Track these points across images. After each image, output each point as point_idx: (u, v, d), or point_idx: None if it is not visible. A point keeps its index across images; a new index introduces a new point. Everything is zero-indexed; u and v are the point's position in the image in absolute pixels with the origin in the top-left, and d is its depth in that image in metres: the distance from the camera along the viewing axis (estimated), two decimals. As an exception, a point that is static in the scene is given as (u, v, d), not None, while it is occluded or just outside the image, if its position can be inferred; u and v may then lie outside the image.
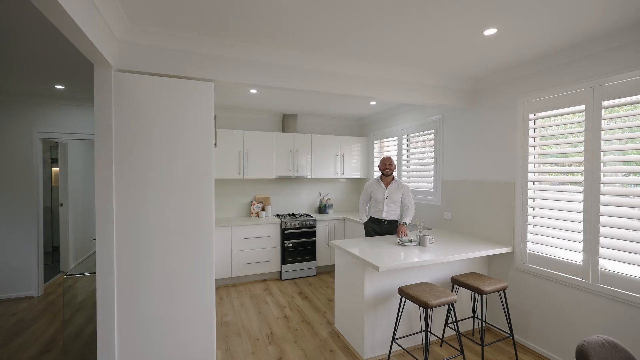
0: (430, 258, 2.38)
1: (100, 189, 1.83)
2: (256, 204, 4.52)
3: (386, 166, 3.29)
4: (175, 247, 2.05)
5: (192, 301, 2.10)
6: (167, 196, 2.02)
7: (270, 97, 3.77)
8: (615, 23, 1.89)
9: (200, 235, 2.11)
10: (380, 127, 4.74)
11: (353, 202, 5.32)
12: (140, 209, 1.96)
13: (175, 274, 2.05)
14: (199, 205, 2.10)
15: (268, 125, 4.76)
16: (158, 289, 2.01)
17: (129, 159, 1.92)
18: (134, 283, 1.95)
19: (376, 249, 2.61)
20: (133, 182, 1.93)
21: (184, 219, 2.07)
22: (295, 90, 2.51)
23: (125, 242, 1.92)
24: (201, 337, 2.13)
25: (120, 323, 1.93)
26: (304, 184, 4.98)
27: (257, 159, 4.33)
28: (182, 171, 2.06)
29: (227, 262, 3.96)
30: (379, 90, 2.71)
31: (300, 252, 4.32)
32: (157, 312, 2.01)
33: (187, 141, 2.07)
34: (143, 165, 1.96)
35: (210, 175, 2.13)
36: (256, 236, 4.11)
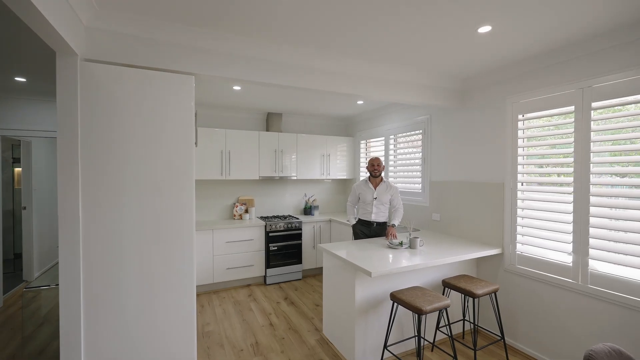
0: (422, 262, 2.31)
1: (63, 191, 1.63)
2: (239, 205, 4.34)
3: (374, 167, 3.21)
4: (152, 254, 1.87)
5: (171, 311, 1.93)
6: (143, 199, 1.84)
7: (254, 95, 3.61)
8: (606, 24, 1.89)
9: (180, 240, 1.95)
10: (366, 127, 4.67)
11: (339, 203, 5.23)
12: (112, 213, 1.77)
13: (152, 283, 1.88)
14: (178, 208, 1.94)
15: (252, 124, 4.59)
16: (132, 300, 1.83)
17: (98, 158, 1.73)
18: (104, 294, 1.76)
19: (366, 253, 2.51)
20: (103, 184, 1.74)
21: (162, 223, 1.90)
22: (283, 87, 2.39)
23: (94, 249, 1.73)
24: (181, 350, 1.96)
25: (87, 339, 1.73)
26: (289, 185, 4.85)
27: (240, 159, 4.15)
28: (159, 172, 1.89)
29: (208, 268, 3.76)
30: (369, 89, 2.63)
31: (286, 255, 4.18)
32: (130, 326, 1.83)
33: (165, 139, 1.90)
34: (115, 165, 1.77)
35: (190, 176, 1.97)
36: (239, 239, 3.93)
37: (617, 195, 2.00)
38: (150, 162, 1.86)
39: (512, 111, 2.61)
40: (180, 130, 1.94)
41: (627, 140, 1.98)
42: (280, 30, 2.01)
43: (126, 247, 1.81)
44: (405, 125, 3.85)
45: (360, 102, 3.91)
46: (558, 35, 2.02)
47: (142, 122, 1.83)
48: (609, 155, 2.07)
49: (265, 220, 4.18)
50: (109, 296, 1.77)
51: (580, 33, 2.00)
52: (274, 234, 4.10)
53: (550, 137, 2.37)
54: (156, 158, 1.88)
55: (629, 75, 1.92)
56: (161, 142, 1.89)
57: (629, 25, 1.88)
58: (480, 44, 2.18)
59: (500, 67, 2.62)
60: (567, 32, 1.99)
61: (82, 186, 1.68)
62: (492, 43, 2.15)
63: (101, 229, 1.74)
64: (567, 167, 2.26)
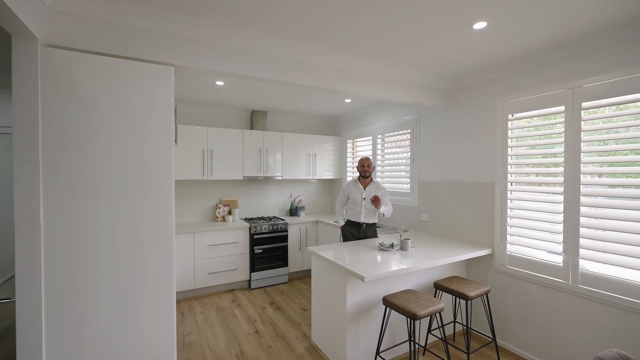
0: (415, 264, 2.24)
1: (21, 193, 1.44)
2: (222, 207, 4.15)
3: (364, 167, 3.13)
4: (127, 262, 1.70)
5: (149, 323, 1.77)
6: (117, 201, 1.66)
7: (238, 91, 3.45)
8: (598, 24, 1.88)
9: (158, 246, 1.78)
10: (353, 126, 4.60)
11: (325, 203, 5.13)
12: (81, 217, 1.58)
13: (127, 293, 1.70)
14: (156, 211, 1.77)
15: (235, 122, 4.41)
16: (104, 313, 1.65)
17: (63, 156, 1.54)
18: (70, 309, 1.57)
19: (357, 255, 2.42)
20: (70, 185, 1.55)
21: (139, 228, 1.73)
22: (269, 82, 2.26)
23: (58, 259, 1.54)
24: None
25: (50, 357, 1.54)
26: (274, 185, 4.70)
27: (223, 159, 3.97)
28: (135, 172, 1.72)
29: (189, 273, 3.57)
30: (358, 86, 2.54)
31: (271, 258, 4.04)
32: (102, 342, 1.65)
33: (141, 136, 1.73)
34: (83, 165, 1.58)
35: (169, 176, 1.80)
36: (222, 242, 3.75)
37: (607, 195, 2.00)
38: (124, 161, 1.68)
39: (502, 111, 2.59)
40: (159, 126, 1.78)
41: (619, 140, 1.98)
42: (267, 21, 1.88)
43: (97, 256, 1.63)
44: (393, 124, 3.80)
45: (348, 100, 3.83)
46: (551, 33, 2.01)
47: (114, 116, 1.65)
48: (598, 155, 2.08)
49: (249, 222, 4.02)
50: (76, 310, 1.58)
51: (572, 32, 1.98)
52: (259, 236, 3.95)
53: (540, 137, 2.36)
54: (131, 157, 1.70)
55: (620, 75, 1.92)
56: (137, 139, 1.71)
57: (620, 24, 1.88)
58: (474, 41, 2.13)
59: (490, 66, 2.60)
60: (560, 31, 1.97)
61: (43, 188, 1.49)
62: (485, 40, 2.11)
63: (67, 235, 1.56)
64: (557, 167, 2.25)
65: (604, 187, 2.06)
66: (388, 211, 3.08)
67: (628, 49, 1.89)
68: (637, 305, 1.86)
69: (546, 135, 2.32)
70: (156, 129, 1.77)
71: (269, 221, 4.12)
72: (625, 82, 1.91)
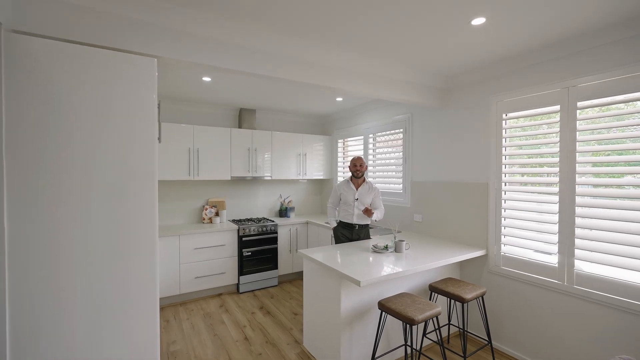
0: (411, 267, 2.18)
1: (-18, 197, 1.28)
2: (209, 208, 4.00)
3: (357, 167, 3.06)
4: (105, 269, 1.56)
5: (130, 333, 1.63)
6: (94, 202, 1.52)
7: (226, 88, 3.31)
8: (595, 23, 1.86)
9: (140, 249, 1.65)
10: (344, 125, 4.52)
11: (316, 204, 5.04)
12: (52, 223, 1.44)
13: (106, 300, 1.56)
14: (137, 213, 1.64)
15: (223, 120, 4.26)
16: (81, 326, 1.51)
17: (31, 155, 1.39)
18: (40, 325, 1.42)
19: (350, 258, 2.34)
20: (38, 187, 1.41)
21: (118, 232, 1.59)
22: (259, 77, 2.15)
23: (25, 271, 1.39)
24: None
25: (19, 381, 1.39)
26: (263, 186, 4.57)
27: (210, 158, 3.82)
28: (115, 171, 1.58)
29: (174, 278, 3.41)
30: (352, 83, 2.46)
31: (260, 260, 3.91)
32: (77, 352, 1.50)
33: (122, 133, 1.59)
34: (55, 164, 1.44)
35: (152, 176, 1.67)
36: (209, 245, 3.61)
37: (603, 196, 1.99)
38: (101, 160, 1.54)
39: (496, 110, 2.56)
40: (140, 122, 1.64)
41: (615, 140, 1.97)
42: (258, 14, 1.78)
43: (71, 260, 1.48)
44: (385, 124, 3.75)
45: (340, 99, 3.75)
46: (547, 31, 1.98)
47: (90, 111, 1.51)
48: (593, 155, 2.06)
49: (237, 224, 3.88)
50: (47, 320, 1.44)
51: (568, 30, 1.96)
52: (248, 239, 3.82)
53: (535, 136, 2.35)
54: (110, 155, 1.56)
55: (616, 75, 1.91)
56: (116, 136, 1.58)
57: (617, 23, 1.86)
58: (472, 38, 2.08)
59: (485, 65, 2.57)
60: (556, 29, 1.95)
61: (7, 191, 1.34)
62: (483, 37, 2.07)
63: (36, 239, 1.41)
64: (552, 167, 2.23)
65: (599, 187, 2.05)
66: (380, 215, 3.02)
67: (625, 48, 1.88)
68: (633, 306, 1.85)
69: (541, 135, 2.30)
70: (137, 126, 1.63)
71: (258, 223, 3.99)
72: (621, 81, 1.90)
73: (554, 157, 2.21)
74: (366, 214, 2.94)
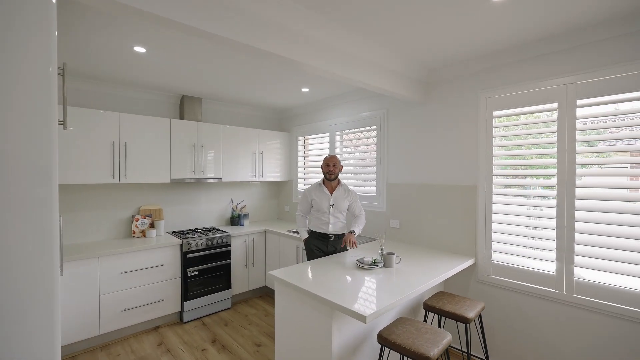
0: (415, 288, 1.82)
1: None
2: (141, 218, 3.18)
3: (330, 167, 2.63)
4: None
5: None
6: None
7: (165, 66, 2.59)
8: (597, 16, 1.74)
9: (29, 284, 0.97)
10: (306, 120, 4.06)
11: (272, 209, 4.48)
12: None
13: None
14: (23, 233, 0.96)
15: (159, 108, 3.45)
16: None
17: None
18: None
19: (335, 279, 1.91)
20: None
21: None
22: (213, 37, 1.58)
23: None
24: None
25: None
26: (211, 189, 3.86)
27: (143, 156, 3.02)
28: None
29: (90, 315, 2.56)
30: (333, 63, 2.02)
31: (210, 280, 3.23)
32: None
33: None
34: None
35: (48, 176, 1.00)
36: (142, 267, 2.82)
37: (606, 199, 1.89)
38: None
39: (486, 107, 2.38)
40: (28, 93, 0.97)
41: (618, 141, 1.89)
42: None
43: None
44: (356, 120, 3.39)
45: (306, 89, 3.28)
46: (543, 23, 1.81)
47: None
48: (598, 156, 1.97)
49: (180, 237, 3.15)
50: None
51: (568, 22, 1.82)
52: (194, 255, 3.11)
53: (530, 136, 2.20)
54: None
55: (619, 72, 1.81)
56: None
57: (620, 17, 1.76)
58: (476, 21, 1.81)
59: (474, 58, 2.36)
60: (555, 20, 1.79)
61: None
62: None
63: None
64: (549, 168, 2.10)
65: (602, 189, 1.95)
66: (361, 227, 2.63)
67: (629, 43, 1.79)
68: (638, 314, 1.76)
69: (536, 135, 2.16)
70: (22, 98, 0.96)
71: (205, 234, 3.30)
72: (624, 79, 1.81)
73: (551, 158, 2.08)
74: (351, 245, 2.43)
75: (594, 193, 1.93)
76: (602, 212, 1.89)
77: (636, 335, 1.78)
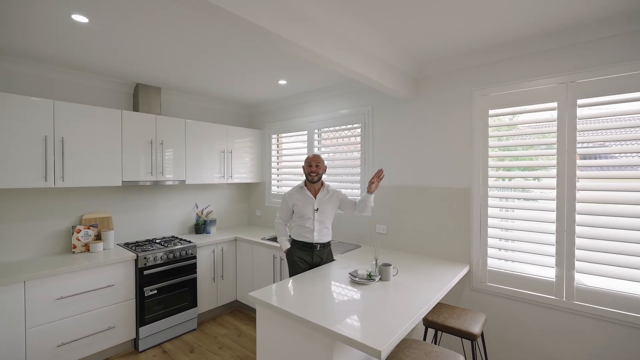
0: (422, 306, 1.61)
1: None
2: (84, 230, 2.64)
3: (312, 168, 2.34)
4: None
5: None
6: None
7: (115, 44, 2.13)
8: (599, 13, 1.67)
9: None
10: (281, 117, 3.73)
11: (242, 213, 4.08)
12: None
13: None
14: None
15: (108, 98, 2.91)
16: None
17: None
18: None
19: (331, 301, 1.64)
20: None
21: None
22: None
23: None
24: None
25: None
26: (172, 193, 3.38)
27: (87, 153, 2.50)
28: None
29: (12, 355, 2.01)
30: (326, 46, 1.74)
31: (172, 299, 2.78)
32: None
33: None
34: None
35: None
36: (86, 289, 2.32)
37: (608, 202, 1.83)
38: None
39: (480, 105, 2.25)
40: None
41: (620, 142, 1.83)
42: None
43: None
44: (337, 117, 3.14)
45: (283, 81, 2.96)
46: (544, 19, 1.71)
47: None
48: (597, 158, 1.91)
49: (134, 250, 2.66)
50: None
51: (569, 18, 1.74)
52: (152, 271, 2.65)
53: (528, 136, 2.10)
54: None
55: (621, 71, 1.76)
56: None
57: (623, 15, 1.70)
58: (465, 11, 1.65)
59: (468, 52, 2.23)
60: (556, 16, 1.70)
61: None
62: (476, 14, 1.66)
63: None
64: (548, 169, 2.02)
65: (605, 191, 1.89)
66: None
67: (631, 42, 1.74)
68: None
69: (535, 135, 2.07)
70: None
71: (165, 246, 2.84)
72: (626, 78, 1.75)
73: (550, 159, 2.00)
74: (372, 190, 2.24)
75: (596, 196, 1.87)
76: (604, 216, 1.83)
77: (638, 341, 1.73)
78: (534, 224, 2.06)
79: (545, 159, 2.03)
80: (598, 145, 1.89)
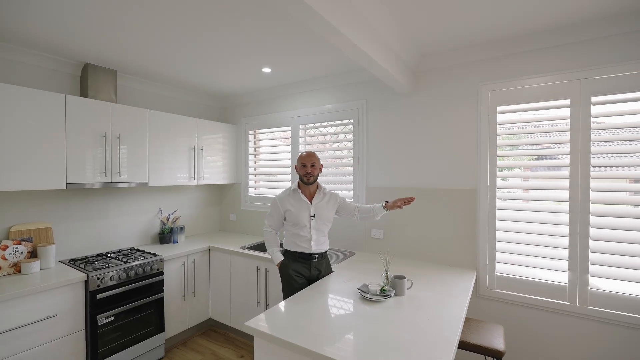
0: (453, 330, 1.40)
1: None
2: (12, 245, 2.06)
3: (307, 169, 2.04)
4: None
5: None
6: None
7: (54, 9, 1.64)
8: (612, 8, 1.60)
9: None
10: (260, 111, 3.35)
11: (214, 219, 3.62)
12: None
13: None
14: None
15: (48, 78, 2.34)
16: None
17: None
18: None
19: (347, 326, 1.37)
20: None
21: None
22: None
23: None
24: None
25: None
26: (130, 197, 2.85)
27: (15, 148, 1.94)
28: None
29: None
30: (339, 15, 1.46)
31: (133, 325, 2.30)
32: None
33: None
34: None
35: None
36: (15, 325, 1.78)
37: (624, 203, 1.78)
38: None
39: (488, 102, 2.12)
40: None
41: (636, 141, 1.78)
42: None
43: None
44: (326, 112, 2.86)
45: (267, 69, 2.61)
46: (557, 12, 1.60)
47: None
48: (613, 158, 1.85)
49: (84, 269, 2.15)
50: None
51: (586, 12, 1.65)
52: (107, 294, 2.15)
53: (539, 134, 2.01)
54: None
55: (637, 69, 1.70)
56: None
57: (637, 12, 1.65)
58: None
59: (475, 45, 2.08)
60: (569, 10, 1.60)
61: None
62: None
63: None
64: (560, 170, 1.93)
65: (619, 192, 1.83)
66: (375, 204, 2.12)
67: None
68: (658, 324, 1.68)
69: (547, 134, 1.97)
70: None
71: (124, 261, 2.35)
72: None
73: (562, 159, 1.91)
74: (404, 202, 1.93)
75: (610, 197, 1.81)
76: (619, 217, 1.78)
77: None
78: (545, 226, 1.96)
79: (558, 159, 1.94)
80: (614, 144, 1.83)
